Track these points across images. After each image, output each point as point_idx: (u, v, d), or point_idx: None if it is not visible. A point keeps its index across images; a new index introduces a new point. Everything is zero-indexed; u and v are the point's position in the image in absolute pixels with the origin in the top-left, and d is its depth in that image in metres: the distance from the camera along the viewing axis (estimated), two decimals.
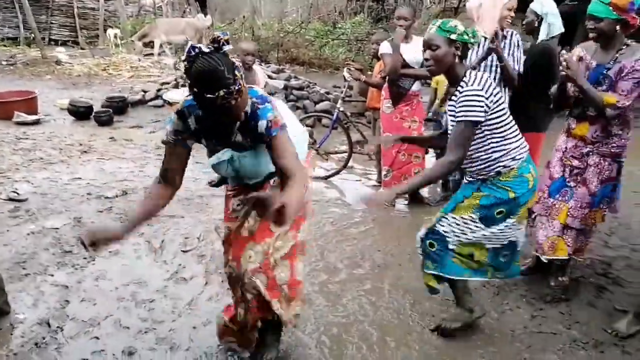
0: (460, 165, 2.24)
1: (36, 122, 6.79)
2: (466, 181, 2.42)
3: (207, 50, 1.64)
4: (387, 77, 4.04)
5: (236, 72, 1.68)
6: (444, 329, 2.55)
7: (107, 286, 2.93)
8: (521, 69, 3.32)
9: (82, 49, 13.54)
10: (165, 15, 14.58)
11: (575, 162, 2.73)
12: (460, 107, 2.12)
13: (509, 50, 3.32)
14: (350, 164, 5.29)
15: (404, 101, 4.03)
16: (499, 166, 2.25)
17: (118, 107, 7.36)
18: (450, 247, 2.37)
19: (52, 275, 3.02)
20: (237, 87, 1.66)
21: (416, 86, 4.05)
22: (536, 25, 3.23)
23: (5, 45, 13.14)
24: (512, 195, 2.26)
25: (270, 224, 1.97)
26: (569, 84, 2.67)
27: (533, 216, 2.96)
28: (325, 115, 5.85)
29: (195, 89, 1.64)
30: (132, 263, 3.21)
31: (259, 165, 2.02)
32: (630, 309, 2.62)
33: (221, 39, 1.67)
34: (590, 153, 2.67)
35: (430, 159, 4.96)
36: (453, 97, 2.21)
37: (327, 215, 4.08)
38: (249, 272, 2.06)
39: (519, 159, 2.25)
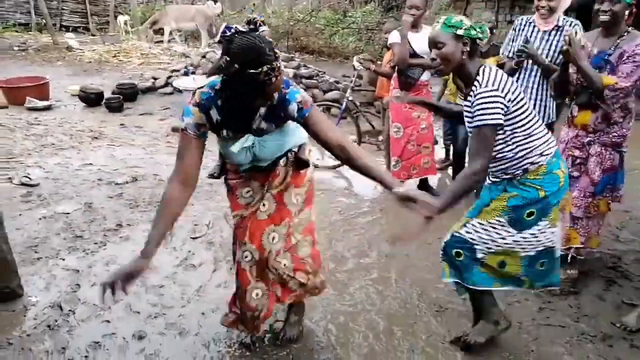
0: (484, 176, 2.08)
1: (48, 108, 6.84)
2: (490, 182, 2.23)
3: (243, 29, 1.67)
4: (396, 67, 4.01)
5: (275, 50, 1.70)
6: (468, 344, 2.34)
7: None
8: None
9: (92, 35, 13.57)
10: (175, 2, 14.54)
11: (577, 152, 2.77)
12: (477, 111, 1.97)
13: (561, 43, 2.92)
14: None
15: (413, 91, 4.00)
16: (527, 163, 2.08)
17: (128, 93, 7.39)
18: (479, 255, 2.17)
19: (64, 260, 3.06)
20: (278, 64, 1.68)
21: (425, 76, 4.02)
22: (576, 7, 3.20)
23: (17, 31, 13.21)
24: (542, 193, 2.07)
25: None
26: (572, 72, 2.68)
27: None
28: (334, 104, 5.83)
29: (237, 66, 1.64)
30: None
31: (278, 148, 2.04)
32: (639, 302, 2.60)
33: (257, 20, 1.72)
34: (592, 143, 2.70)
35: (439, 150, 4.94)
36: (468, 98, 2.06)
37: (335, 205, 4.08)
38: (274, 253, 2.12)
39: (547, 154, 2.08)
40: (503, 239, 2.15)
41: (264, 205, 2.12)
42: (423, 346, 2.42)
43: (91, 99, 7.19)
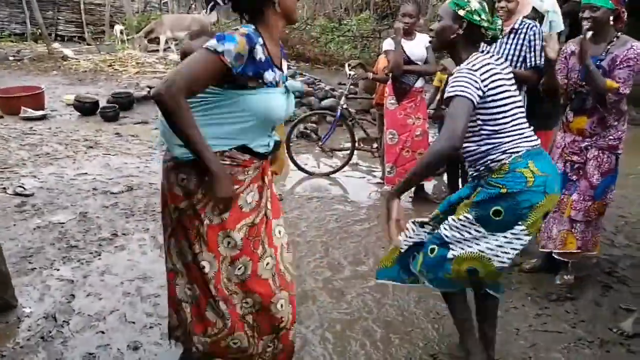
0: (456, 151, 1.88)
1: (43, 118, 6.83)
2: (470, 178, 2.18)
3: None
4: (390, 74, 4.04)
5: None
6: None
7: (112, 281, 2.94)
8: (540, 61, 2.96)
9: (88, 44, 13.59)
10: (171, 11, 14.60)
11: (575, 158, 2.80)
12: (450, 85, 1.92)
13: (518, 45, 3.01)
14: (355, 161, 5.29)
15: (407, 97, 4.03)
16: (489, 160, 1.99)
17: (124, 103, 7.40)
18: (450, 256, 2.04)
19: (58, 270, 3.04)
20: None
21: (420, 82, 4.04)
22: (536, 21, 3.20)
23: (12, 41, 13.22)
24: (504, 190, 1.94)
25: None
26: (561, 77, 2.77)
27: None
28: (328, 112, 5.84)
29: None
30: (137, 258, 3.23)
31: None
32: (636, 308, 2.60)
33: None
34: (589, 147, 2.73)
35: None
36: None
37: (331, 212, 4.08)
38: (284, 246, 1.96)
39: (512, 152, 1.95)
40: (476, 239, 2.00)
41: (267, 207, 1.89)
42: (420, 354, 2.41)
43: (86, 108, 7.19)
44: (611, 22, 2.58)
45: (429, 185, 4.57)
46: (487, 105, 1.94)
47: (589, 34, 2.63)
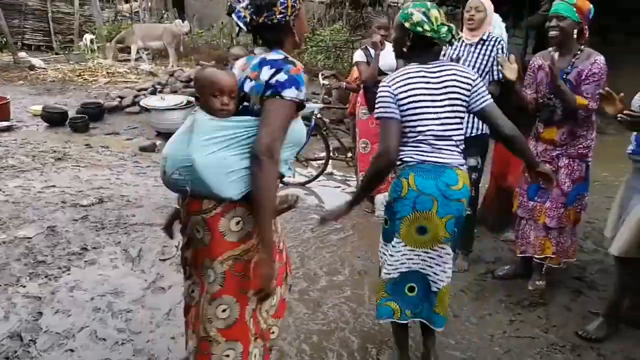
0: (393, 166, 2.06)
1: (8, 129, 6.62)
2: None
3: None
4: (362, 84, 4.08)
5: None
6: None
7: (82, 297, 2.86)
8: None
9: (56, 54, 13.29)
10: (142, 20, 14.43)
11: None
12: (376, 105, 2.12)
13: (485, 56, 3.06)
14: (329, 170, 5.30)
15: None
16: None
17: (94, 113, 7.25)
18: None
19: (24, 287, 2.93)
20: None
21: None
22: None
23: None
24: (389, 197, 2.12)
25: None
26: (530, 92, 2.89)
27: (518, 220, 3.06)
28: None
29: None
30: (108, 273, 3.14)
31: None
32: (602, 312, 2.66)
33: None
34: (560, 155, 2.82)
35: None
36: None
37: (307, 222, 4.07)
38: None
39: (406, 161, 2.05)
40: (381, 251, 2.20)
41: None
42: None
43: (55, 118, 7.01)
44: (574, 35, 2.67)
45: None
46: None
47: (557, 54, 2.73)
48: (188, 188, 1.61)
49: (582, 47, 2.72)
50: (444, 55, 3.19)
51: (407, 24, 2.04)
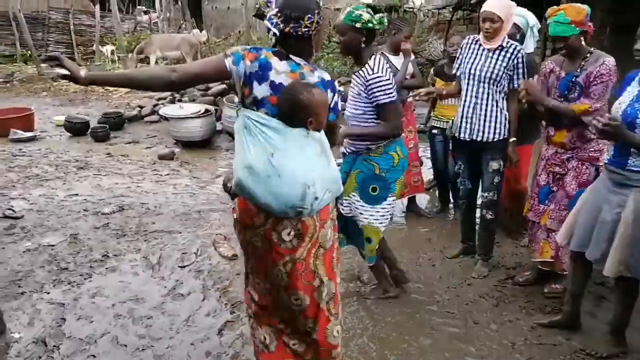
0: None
1: (32, 139, 6.79)
2: (348, 151, 2.75)
3: None
4: None
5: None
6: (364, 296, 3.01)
7: (104, 303, 2.90)
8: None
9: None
10: (160, 31, 14.68)
11: (557, 169, 2.87)
12: (379, 91, 2.52)
13: (504, 63, 3.01)
14: None
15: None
16: (370, 142, 2.62)
17: (114, 122, 7.38)
18: (359, 225, 2.72)
19: (48, 293, 3.00)
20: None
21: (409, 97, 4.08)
22: (517, 38, 3.24)
23: (1, 63, 13.18)
24: (377, 170, 2.62)
25: None
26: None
27: (530, 224, 3.03)
28: None
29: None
30: (129, 279, 3.19)
31: None
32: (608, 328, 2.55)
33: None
34: (570, 158, 2.79)
35: (426, 170, 4.97)
36: (360, 74, 2.58)
37: None
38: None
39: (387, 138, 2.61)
40: (361, 214, 2.68)
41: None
42: None
43: (77, 128, 7.17)
44: (582, 42, 2.67)
45: (421, 200, 4.57)
46: None
47: (532, 79, 2.83)
48: (329, 201, 1.88)
49: (592, 49, 2.70)
50: (459, 61, 3.18)
51: (358, 25, 2.47)
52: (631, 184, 2.22)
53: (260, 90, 1.79)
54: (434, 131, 4.16)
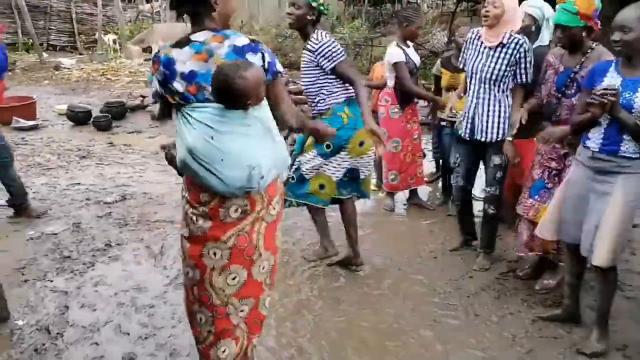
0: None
1: (34, 128, 6.79)
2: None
3: None
4: (402, 87, 3.97)
5: None
6: (305, 258, 3.32)
7: (106, 292, 2.92)
8: (528, 80, 2.97)
9: (80, 54, 13.55)
10: (163, 20, 14.61)
11: (553, 164, 2.82)
12: (329, 53, 2.83)
13: (505, 60, 2.94)
14: None
15: (411, 105, 4.06)
16: (320, 107, 2.94)
17: (117, 112, 7.37)
18: (307, 177, 3.00)
19: (52, 281, 3.02)
20: None
21: None
22: (532, 29, 3.20)
23: None
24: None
25: None
26: (543, 95, 2.82)
27: (518, 218, 3.03)
28: None
29: None
30: (131, 268, 3.21)
31: None
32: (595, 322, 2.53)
33: None
34: (568, 154, 2.74)
35: (426, 163, 4.96)
36: (307, 48, 2.91)
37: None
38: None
39: (335, 102, 2.91)
40: (318, 165, 2.98)
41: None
42: None
43: (79, 117, 7.16)
44: (584, 37, 2.59)
45: (423, 192, 4.57)
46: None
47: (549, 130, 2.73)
48: (286, 176, 1.98)
49: (595, 44, 2.63)
50: (463, 56, 3.15)
51: (314, 4, 2.84)
52: (620, 170, 2.21)
53: (178, 86, 1.77)
54: (443, 123, 4.14)
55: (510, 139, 2.98)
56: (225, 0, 1.82)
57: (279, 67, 1.85)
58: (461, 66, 3.22)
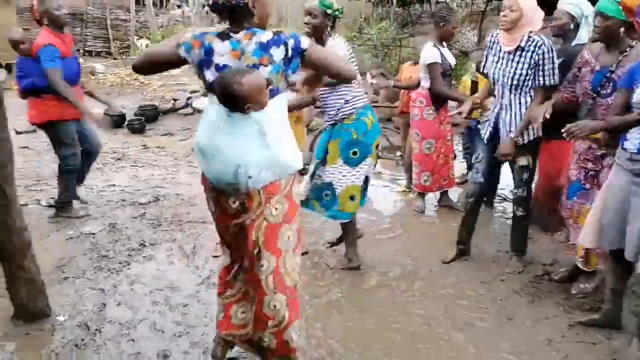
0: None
1: None
2: (326, 127, 3.08)
3: None
4: (435, 89, 3.94)
5: None
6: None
7: (141, 290, 3.00)
8: (554, 80, 2.88)
9: (114, 59, 13.94)
10: (194, 24, 14.89)
11: (590, 165, 2.76)
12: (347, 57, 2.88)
13: (525, 64, 2.86)
14: (378, 169, 5.28)
15: (445, 105, 4.03)
16: (344, 112, 2.96)
17: (150, 115, 7.57)
18: (337, 193, 3.00)
19: (90, 279, 3.11)
20: None
21: None
22: (571, 27, 3.12)
23: None
24: (355, 135, 2.95)
25: None
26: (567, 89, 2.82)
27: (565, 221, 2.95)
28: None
29: None
30: (165, 268, 3.28)
31: None
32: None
33: None
34: (605, 155, 2.67)
35: (457, 164, 4.91)
36: None
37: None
38: (290, 250, 2.18)
39: (358, 107, 2.96)
40: (344, 176, 2.99)
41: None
42: None
43: (114, 121, 7.37)
44: (621, 33, 2.48)
45: (453, 194, 4.52)
46: None
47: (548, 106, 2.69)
48: (273, 179, 1.89)
49: (634, 43, 2.52)
50: (486, 60, 3.09)
51: (329, 11, 2.86)
52: None
53: (209, 75, 1.89)
54: (479, 126, 4.09)
55: (512, 136, 2.92)
56: (263, 5, 1.91)
57: (305, 43, 1.88)
58: (483, 71, 3.17)
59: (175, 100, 8.33)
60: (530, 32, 2.82)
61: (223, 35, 1.88)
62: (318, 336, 2.57)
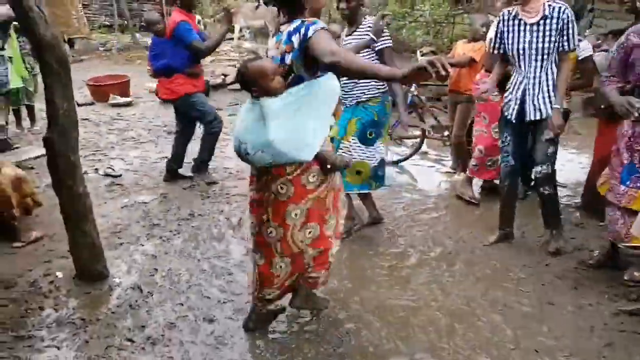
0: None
1: (128, 104, 7.32)
2: (347, 106, 3.19)
3: None
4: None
5: None
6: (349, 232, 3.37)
7: (190, 258, 3.16)
8: (575, 44, 2.91)
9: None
10: (245, 0, 14.96)
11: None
12: (383, 35, 3.07)
13: (552, 32, 2.85)
14: (424, 149, 5.23)
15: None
16: (370, 93, 3.14)
17: None
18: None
19: (143, 245, 3.31)
20: None
21: None
22: None
23: (102, 33, 14.17)
24: (376, 117, 3.17)
25: None
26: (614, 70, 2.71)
27: (607, 204, 2.84)
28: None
29: None
30: (212, 238, 3.43)
31: None
32: None
33: None
34: None
35: None
36: (362, 30, 3.12)
37: (399, 200, 4.08)
38: (297, 225, 2.31)
39: (381, 90, 3.18)
40: (357, 153, 3.19)
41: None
42: (486, 345, 2.39)
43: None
44: None
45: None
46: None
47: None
48: (271, 161, 2.05)
49: None
50: (498, 41, 3.05)
51: None
52: None
53: None
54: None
55: (558, 106, 2.89)
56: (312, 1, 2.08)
57: (312, 31, 1.93)
58: (492, 50, 3.14)
59: (225, 75, 8.48)
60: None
61: (276, 30, 2.12)
62: (354, 308, 2.64)
